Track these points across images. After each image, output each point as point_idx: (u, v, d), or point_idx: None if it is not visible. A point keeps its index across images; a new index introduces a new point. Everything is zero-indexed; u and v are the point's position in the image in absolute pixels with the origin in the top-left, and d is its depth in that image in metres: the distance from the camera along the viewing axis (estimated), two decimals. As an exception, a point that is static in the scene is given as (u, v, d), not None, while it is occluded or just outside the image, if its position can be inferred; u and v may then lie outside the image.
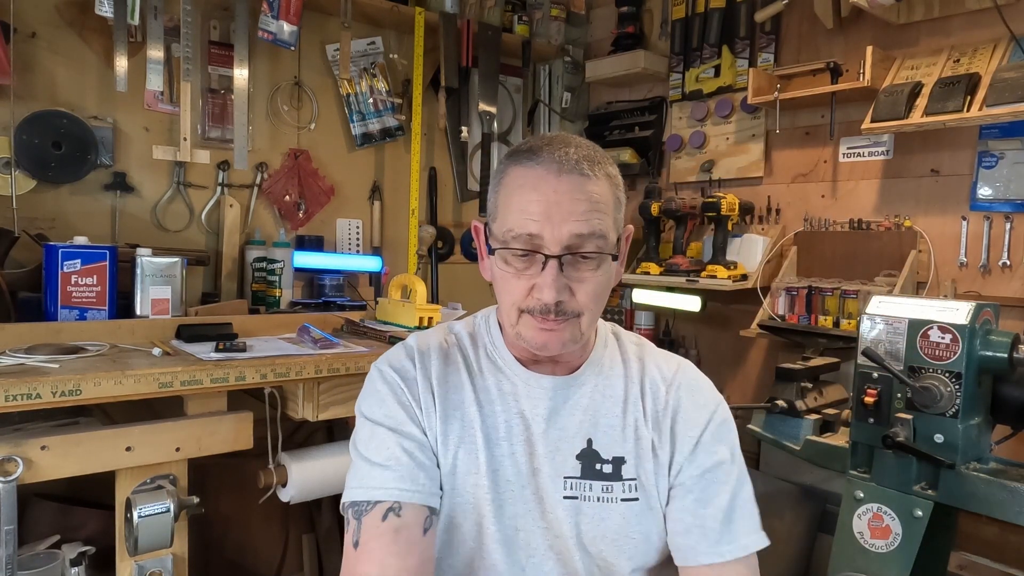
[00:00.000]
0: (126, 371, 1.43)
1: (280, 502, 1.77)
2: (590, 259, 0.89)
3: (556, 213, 0.87)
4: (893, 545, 1.43)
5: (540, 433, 0.97)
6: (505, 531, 0.95)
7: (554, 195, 0.87)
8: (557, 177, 0.88)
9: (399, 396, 0.97)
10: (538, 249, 0.88)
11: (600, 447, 0.97)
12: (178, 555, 1.51)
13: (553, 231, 0.87)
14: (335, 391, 1.72)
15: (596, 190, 0.89)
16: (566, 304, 0.89)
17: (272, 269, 2.35)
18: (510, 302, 0.92)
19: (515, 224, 0.88)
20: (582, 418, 0.98)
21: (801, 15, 2.40)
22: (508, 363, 1.00)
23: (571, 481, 0.96)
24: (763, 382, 2.53)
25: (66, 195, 2.08)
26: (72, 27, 2.07)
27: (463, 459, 0.96)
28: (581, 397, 0.99)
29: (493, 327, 1.04)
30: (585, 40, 3.15)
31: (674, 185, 2.81)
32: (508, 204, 0.91)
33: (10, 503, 1.31)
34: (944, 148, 2.11)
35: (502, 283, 0.93)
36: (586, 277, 0.90)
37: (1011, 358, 1.37)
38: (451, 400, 0.98)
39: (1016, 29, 1.90)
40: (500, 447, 0.96)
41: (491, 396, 0.99)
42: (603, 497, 0.95)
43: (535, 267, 0.89)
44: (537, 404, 0.98)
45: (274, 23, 2.27)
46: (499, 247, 0.91)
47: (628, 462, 0.97)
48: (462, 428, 0.97)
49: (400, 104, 2.69)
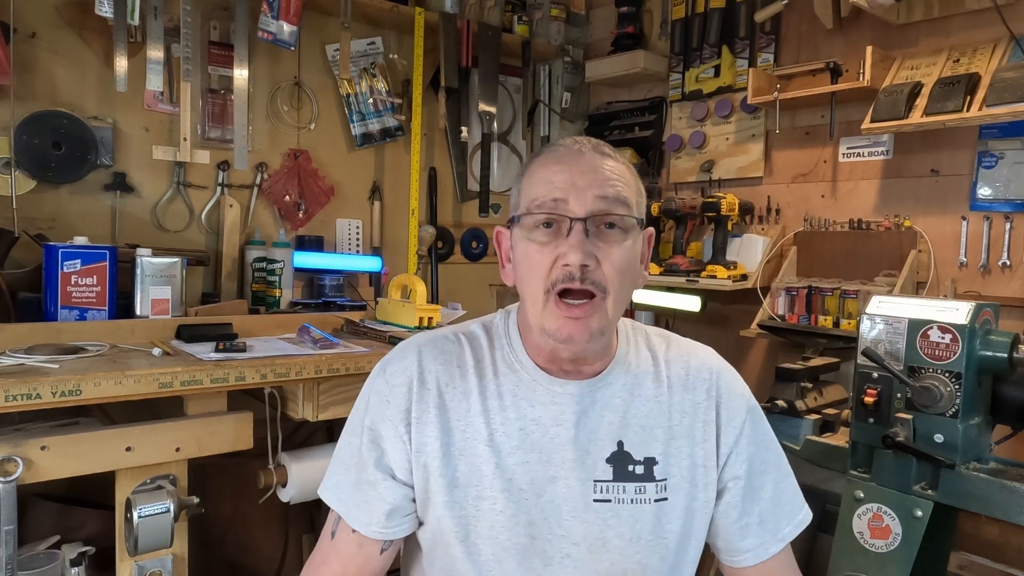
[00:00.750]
0: (126, 371, 1.43)
1: (280, 502, 1.77)
2: (615, 228, 0.89)
3: (580, 180, 0.89)
4: (893, 545, 1.43)
5: (568, 439, 0.94)
6: (518, 540, 0.93)
7: (578, 166, 0.90)
8: (580, 154, 0.92)
9: (384, 411, 0.96)
10: (564, 213, 0.88)
11: (632, 448, 0.95)
12: (178, 555, 1.51)
13: (578, 196, 0.88)
14: (335, 391, 1.72)
15: (617, 168, 0.92)
16: (592, 272, 0.87)
17: (272, 269, 2.35)
18: (536, 282, 0.90)
19: (540, 193, 0.90)
20: (612, 419, 0.95)
21: (801, 15, 2.40)
22: (527, 368, 0.97)
23: (602, 484, 0.93)
24: (763, 382, 2.53)
25: (66, 195, 2.09)
26: (72, 27, 2.07)
27: (463, 471, 0.94)
28: (611, 398, 0.96)
29: (512, 328, 1.01)
30: (585, 40, 3.15)
31: (674, 185, 2.81)
32: (532, 182, 0.92)
33: (10, 503, 1.31)
34: (944, 148, 2.11)
35: (526, 262, 0.91)
36: (612, 247, 0.89)
37: (1011, 358, 1.37)
38: (453, 409, 0.95)
39: (1016, 29, 1.90)
40: (513, 456, 0.93)
41: (504, 403, 0.96)
42: (636, 499, 0.94)
43: (560, 237, 0.88)
44: (564, 410, 0.95)
45: (274, 23, 2.27)
46: (524, 216, 0.91)
47: (659, 462, 0.95)
48: (464, 439, 0.94)
49: (400, 104, 2.69)
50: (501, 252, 1.00)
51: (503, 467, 0.93)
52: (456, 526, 0.93)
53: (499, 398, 0.96)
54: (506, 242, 0.99)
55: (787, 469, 1.03)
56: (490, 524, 0.93)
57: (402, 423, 0.95)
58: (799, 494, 1.03)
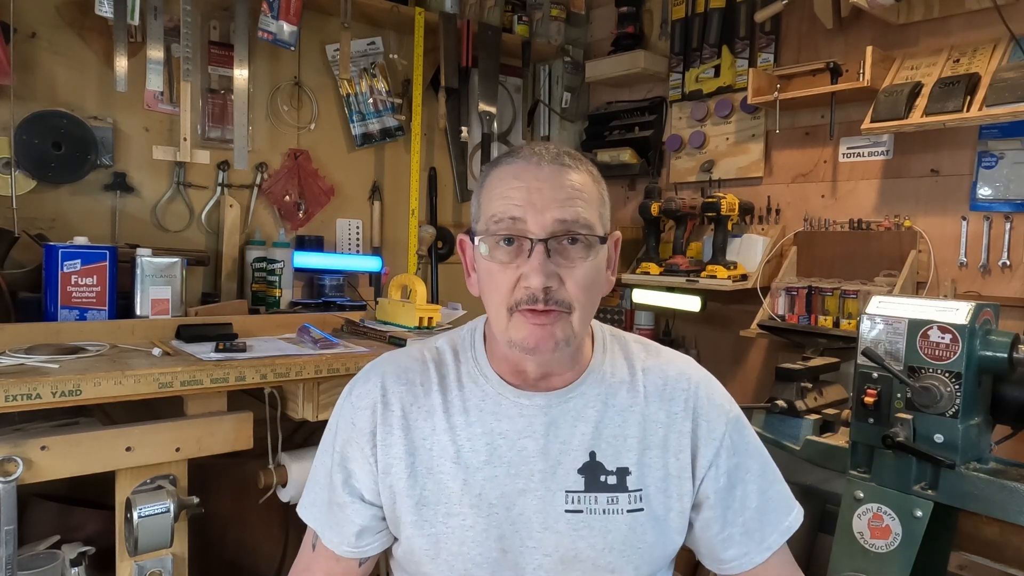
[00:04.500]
0: (126, 371, 1.43)
1: (280, 502, 1.77)
2: (577, 243, 0.87)
3: (538, 199, 0.86)
4: (893, 545, 1.43)
5: (536, 451, 0.93)
6: (489, 554, 0.92)
7: (535, 182, 0.87)
8: (538, 167, 0.88)
9: (350, 433, 0.98)
10: (523, 234, 0.86)
11: (604, 458, 0.94)
12: (178, 555, 1.51)
13: (536, 217, 0.85)
14: (335, 391, 1.72)
15: (578, 179, 0.89)
16: (555, 292, 0.85)
17: (272, 269, 2.35)
18: (498, 301, 0.88)
19: (498, 210, 0.87)
20: (584, 430, 0.94)
21: (801, 15, 2.40)
22: (493, 382, 0.96)
23: (574, 495, 0.92)
24: (763, 382, 2.53)
25: (66, 195, 2.09)
26: (72, 27, 2.07)
27: (431, 489, 0.94)
28: (584, 408, 0.95)
29: (478, 342, 1.00)
30: (585, 40, 3.15)
31: (674, 185, 2.81)
32: (490, 196, 0.89)
33: (10, 503, 1.31)
34: (944, 148, 2.11)
35: (488, 280, 0.90)
36: (575, 264, 0.87)
37: (1011, 358, 1.37)
38: (418, 429, 0.95)
39: (1016, 29, 1.90)
40: (481, 471, 0.93)
41: (470, 418, 0.95)
42: (609, 509, 0.93)
43: (522, 257, 0.86)
44: (531, 422, 0.94)
45: (274, 23, 2.27)
46: (483, 235, 0.89)
47: (633, 473, 0.94)
48: (431, 457, 0.94)
49: (400, 104, 2.69)
50: (466, 260, 0.99)
51: (471, 483, 0.93)
52: (427, 544, 0.93)
53: (464, 413, 0.95)
54: (469, 251, 0.97)
55: (774, 475, 1.01)
56: (460, 541, 0.92)
57: (368, 445, 0.96)
58: (788, 497, 1.01)
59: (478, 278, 0.94)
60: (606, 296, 1.01)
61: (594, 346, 1.00)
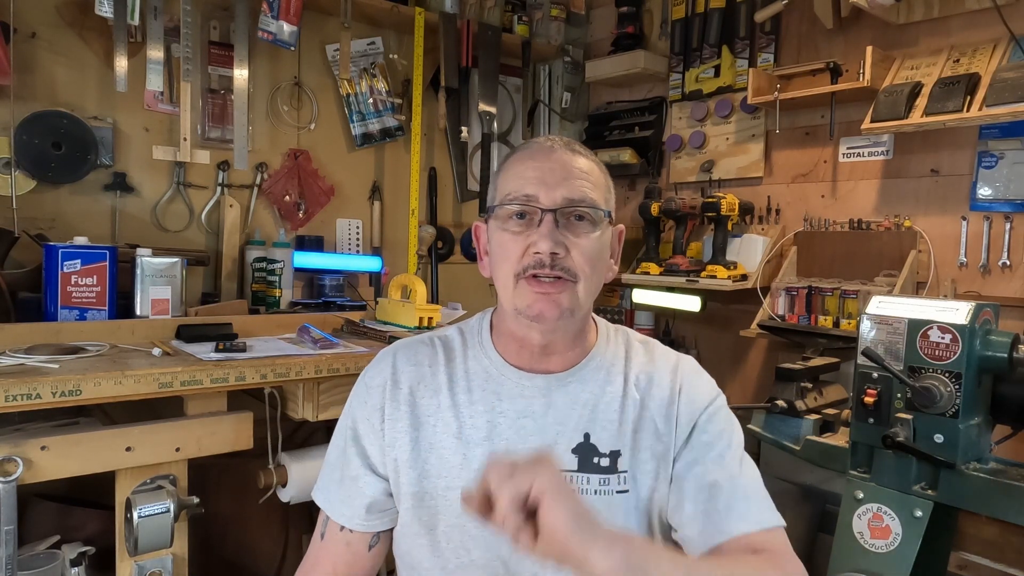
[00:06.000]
0: (126, 371, 1.43)
1: (280, 502, 1.77)
2: (584, 220, 0.94)
3: (550, 178, 0.94)
4: (893, 545, 1.43)
5: (534, 430, 0.98)
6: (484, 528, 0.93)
7: (547, 163, 0.95)
8: (551, 151, 0.97)
9: (362, 410, 1.04)
10: (535, 205, 0.93)
11: (598, 441, 0.98)
12: (178, 555, 1.51)
13: (547, 193, 0.93)
14: (335, 391, 1.72)
15: (586, 166, 0.97)
16: (562, 260, 0.92)
17: (272, 269, 2.35)
18: (507, 270, 0.94)
19: (513, 188, 0.95)
20: (581, 412, 0.99)
21: (801, 15, 2.40)
22: (496, 364, 1.02)
23: (567, 474, 0.96)
24: (763, 382, 2.53)
25: (66, 195, 2.08)
26: (72, 27, 2.07)
27: (433, 463, 0.99)
28: (581, 392, 1.00)
29: (485, 328, 1.06)
30: (585, 40, 3.15)
31: (674, 185, 2.81)
32: (507, 178, 0.98)
33: (10, 503, 1.31)
34: (944, 148, 2.11)
35: (500, 251, 0.96)
36: (581, 237, 0.93)
37: (1011, 358, 1.37)
38: (424, 406, 1.01)
39: (1016, 29, 1.90)
40: (480, 447, 0.98)
41: (473, 396, 1.01)
42: (601, 490, 0.96)
43: (532, 227, 0.93)
44: (531, 403, 0.99)
45: (274, 23, 2.27)
46: (498, 209, 0.96)
47: (623, 455, 0.98)
48: (434, 433, 1.00)
49: (400, 104, 2.69)
50: (479, 245, 1.06)
51: (470, 457, 0.98)
52: (426, 515, 0.98)
53: (468, 392, 1.01)
54: (483, 236, 1.04)
55: (750, 473, 0.99)
56: (457, 513, 0.96)
57: (377, 419, 1.02)
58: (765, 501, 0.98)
59: (490, 258, 1.00)
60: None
61: (598, 335, 1.05)
